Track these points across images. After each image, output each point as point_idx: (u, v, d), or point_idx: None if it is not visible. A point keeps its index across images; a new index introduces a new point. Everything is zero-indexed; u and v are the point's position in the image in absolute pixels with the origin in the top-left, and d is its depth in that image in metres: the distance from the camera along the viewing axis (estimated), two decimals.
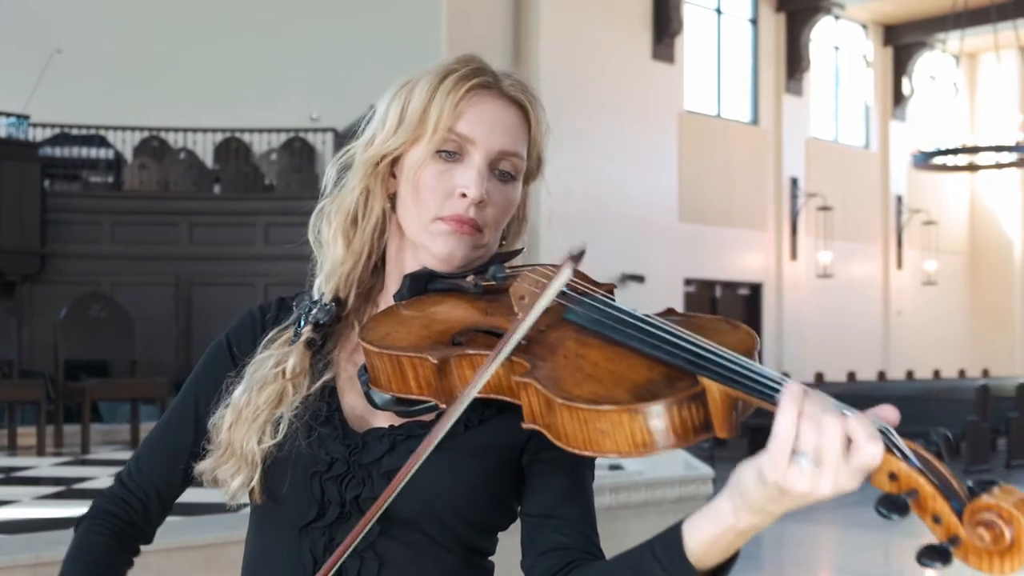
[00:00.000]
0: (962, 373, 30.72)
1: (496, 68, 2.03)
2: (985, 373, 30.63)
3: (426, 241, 1.98)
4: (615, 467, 8.88)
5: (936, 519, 1.37)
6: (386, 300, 2.07)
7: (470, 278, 1.95)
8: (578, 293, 1.85)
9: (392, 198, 2.04)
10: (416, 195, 1.97)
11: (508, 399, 1.74)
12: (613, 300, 1.84)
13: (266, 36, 20.82)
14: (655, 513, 8.07)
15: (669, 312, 1.86)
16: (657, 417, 1.54)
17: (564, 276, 1.73)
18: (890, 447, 1.40)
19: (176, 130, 19.33)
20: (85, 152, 18.68)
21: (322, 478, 1.90)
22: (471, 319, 1.88)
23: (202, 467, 2.01)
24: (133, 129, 19.14)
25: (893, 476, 1.40)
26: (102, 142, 18.83)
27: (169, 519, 2.23)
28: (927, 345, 31.85)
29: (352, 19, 20.00)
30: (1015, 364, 32.46)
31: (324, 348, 2.04)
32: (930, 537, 1.39)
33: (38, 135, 18.13)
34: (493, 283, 1.93)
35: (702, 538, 1.58)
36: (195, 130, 19.30)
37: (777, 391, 1.49)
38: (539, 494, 1.93)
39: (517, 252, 2.11)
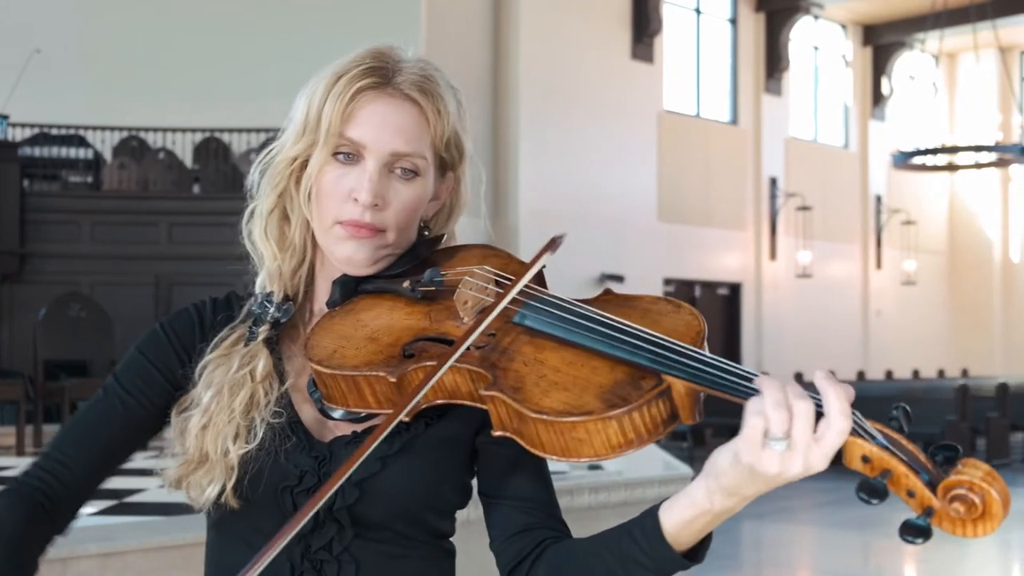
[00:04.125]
0: (941, 373, 30.81)
1: (402, 60, 2.00)
2: (964, 373, 30.71)
3: (329, 245, 1.98)
4: (594, 467, 8.89)
5: (910, 493, 1.45)
6: (319, 301, 2.08)
7: (406, 283, 1.94)
8: (524, 291, 1.85)
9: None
10: (316, 199, 1.97)
11: (479, 406, 1.76)
12: (556, 296, 1.85)
13: (245, 36, 20.77)
14: (634, 513, 8.06)
15: (606, 293, 1.90)
16: (630, 420, 1.60)
17: (516, 288, 1.80)
18: (858, 430, 1.48)
19: (155, 130, 19.26)
20: (64, 152, 18.60)
21: (293, 491, 1.90)
22: (417, 327, 1.89)
23: (171, 476, 1.96)
24: (112, 129, 19.06)
25: (866, 459, 1.47)
26: (81, 142, 18.75)
27: (148, 519, 2.20)
28: (906, 345, 31.93)
29: (331, 19, 19.95)
30: (994, 364, 32.55)
31: (277, 349, 2.02)
32: (907, 512, 1.47)
33: (17, 135, 18.05)
34: (431, 288, 1.93)
35: (677, 521, 1.66)
36: (174, 130, 19.24)
37: (741, 386, 1.56)
38: (498, 475, 1.97)
39: (439, 239, 2.09)
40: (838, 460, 1.51)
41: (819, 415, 1.48)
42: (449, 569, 2.07)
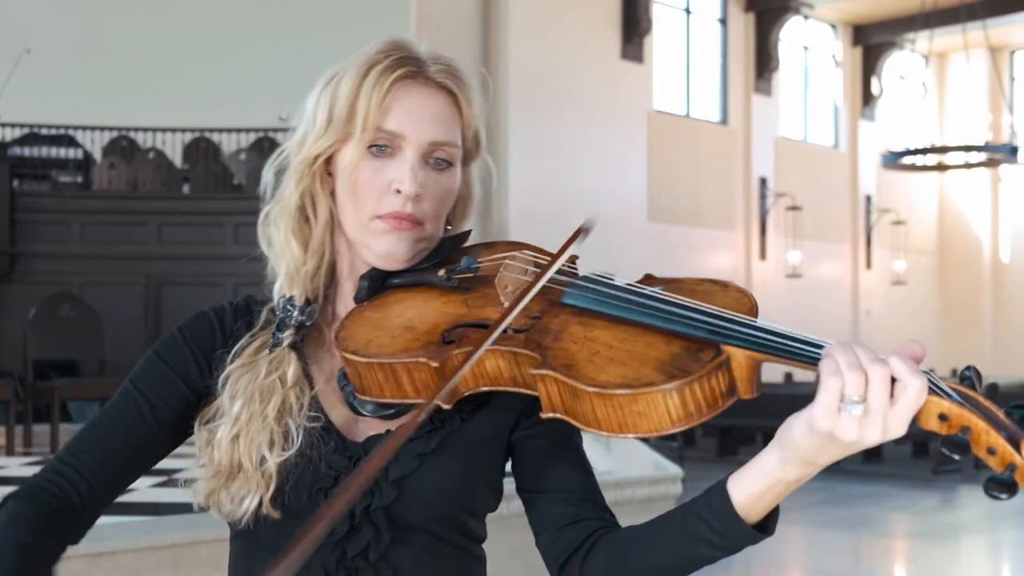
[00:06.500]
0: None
1: (423, 51, 1.97)
2: (955, 373, 30.61)
3: (367, 240, 1.94)
4: None
5: (991, 451, 1.43)
6: (344, 301, 2.03)
7: (442, 272, 1.92)
8: (563, 274, 1.84)
9: (334, 196, 1.99)
10: (353, 195, 1.93)
11: (524, 391, 1.73)
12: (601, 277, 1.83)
13: (235, 36, 20.76)
14: (624, 513, 8.02)
15: (648, 278, 1.87)
16: (691, 392, 1.57)
17: (559, 262, 1.78)
18: (933, 388, 1.47)
19: (145, 130, 19.23)
20: (54, 152, 18.55)
21: (327, 493, 1.86)
22: (456, 313, 1.86)
23: (200, 490, 1.92)
24: (102, 129, 19.03)
25: (943, 416, 1.46)
26: (71, 142, 18.71)
27: (137, 519, 2.15)
28: (897, 345, 31.89)
29: (321, 19, 19.97)
30: (985, 364, 32.53)
31: (303, 353, 1.97)
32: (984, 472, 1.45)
33: (7, 135, 18.04)
34: (469, 275, 1.90)
35: (749, 493, 1.64)
36: (164, 130, 19.21)
37: (806, 351, 1.56)
38: (539, 469, 1.95)
39: (466, 235, 2.07)
40: (914, 421, 1.49)
41: (892, 379, 1.48)
42: None
